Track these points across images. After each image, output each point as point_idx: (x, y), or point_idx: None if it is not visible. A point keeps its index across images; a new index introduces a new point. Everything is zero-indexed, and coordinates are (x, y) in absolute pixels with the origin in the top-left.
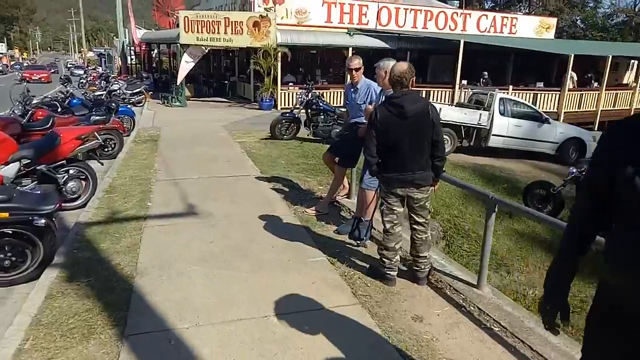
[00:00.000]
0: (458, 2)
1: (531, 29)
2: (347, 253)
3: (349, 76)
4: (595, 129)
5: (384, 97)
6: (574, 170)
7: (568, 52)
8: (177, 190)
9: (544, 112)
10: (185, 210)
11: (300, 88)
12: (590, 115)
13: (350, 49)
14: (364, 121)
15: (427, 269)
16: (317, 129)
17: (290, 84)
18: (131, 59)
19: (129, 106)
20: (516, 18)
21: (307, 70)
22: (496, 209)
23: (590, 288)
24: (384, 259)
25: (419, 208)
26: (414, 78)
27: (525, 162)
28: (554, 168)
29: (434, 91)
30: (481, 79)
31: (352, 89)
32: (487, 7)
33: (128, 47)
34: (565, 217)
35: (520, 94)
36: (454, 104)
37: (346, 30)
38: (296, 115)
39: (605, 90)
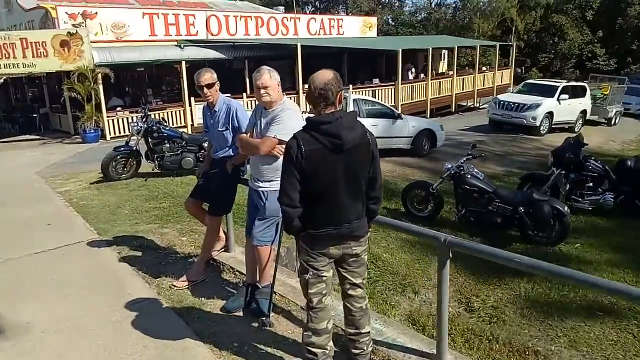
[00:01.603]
0: (283, 7)
1: (357, 28)
2: (250, 346)
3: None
4: (428, 116)
5: (284, 117)
6: (449, 166)
7: (396, 47)
8: None
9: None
10: None
11: (131, 112)
12: (422, 105)
13: (183, 62)
14: (232, 153)
15: (371, 349)
16: (164, 160)
17: (118, 108)
18: None
19: None
20: (342, 19)
21: (136, 90)
22: (450, 254)
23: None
24: (314, 350)
25: (357, 265)
26: (342, 92)
27: (385, 160)
28: (411, 162)
29: None
30: None
31: (209, 112)
32: (308, 11)
33: None
34: (444, 215)
35: (360, 92)
36: (306, 111)
37: (176, 43)
38: (134, 147)
39: (431, 80)
